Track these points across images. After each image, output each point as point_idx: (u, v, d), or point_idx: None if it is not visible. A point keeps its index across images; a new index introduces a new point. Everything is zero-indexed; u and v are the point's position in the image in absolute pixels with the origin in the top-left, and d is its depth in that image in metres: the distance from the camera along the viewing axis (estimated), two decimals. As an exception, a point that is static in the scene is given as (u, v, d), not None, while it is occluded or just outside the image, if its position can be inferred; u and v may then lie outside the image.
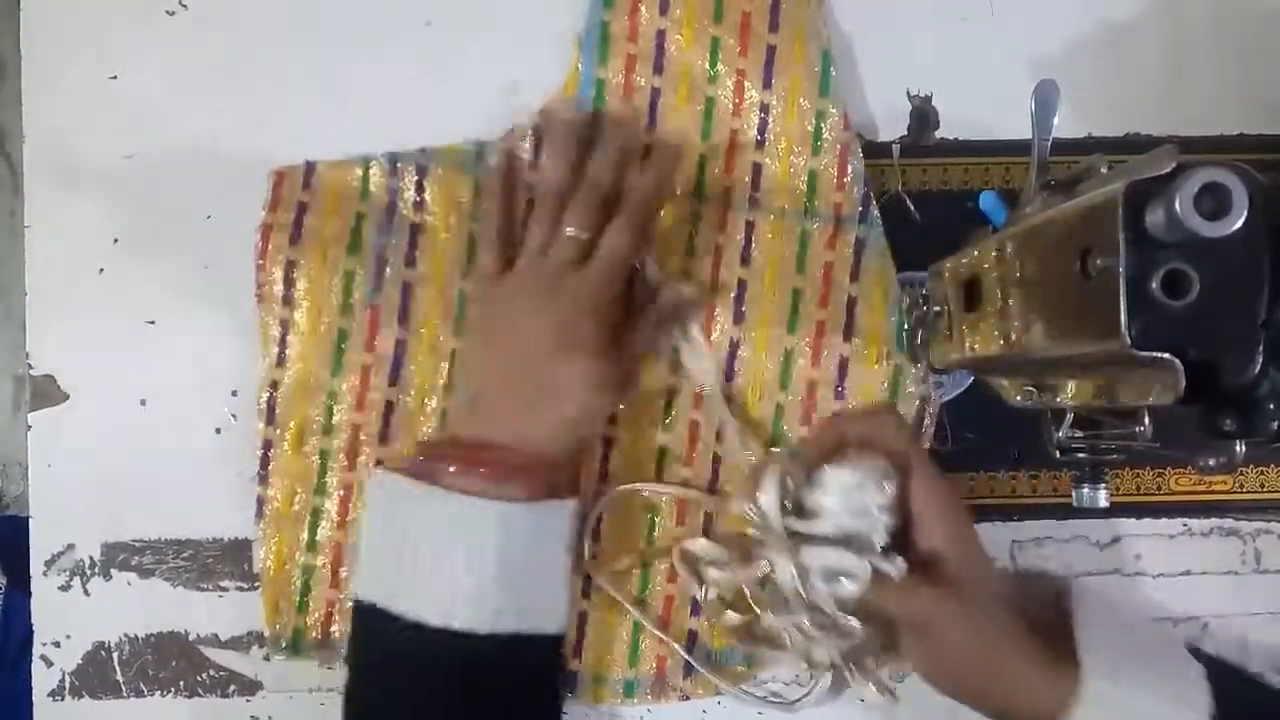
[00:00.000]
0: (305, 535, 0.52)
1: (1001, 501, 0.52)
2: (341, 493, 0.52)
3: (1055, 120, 0.40)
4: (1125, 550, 0.53)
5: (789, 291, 0.51)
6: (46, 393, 0.53)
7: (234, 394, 0.53)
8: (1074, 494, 0.43)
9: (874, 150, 0.53)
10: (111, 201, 0.53)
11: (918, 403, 0.51)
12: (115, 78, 0.53)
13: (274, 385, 0.52)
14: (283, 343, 0.52)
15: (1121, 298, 0.30)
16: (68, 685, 0.53)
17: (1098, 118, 0.53)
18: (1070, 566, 0.53)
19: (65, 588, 0.53)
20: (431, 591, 0.43)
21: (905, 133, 0.53)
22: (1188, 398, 0.29)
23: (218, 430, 0.53)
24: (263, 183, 0.52)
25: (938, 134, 0.53)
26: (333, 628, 0.52)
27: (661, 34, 0.52)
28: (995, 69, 0.53)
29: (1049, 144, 0.40)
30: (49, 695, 0.53)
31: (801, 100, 0.51)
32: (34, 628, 0.53)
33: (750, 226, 0.51)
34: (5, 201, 0.50)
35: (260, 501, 0.52)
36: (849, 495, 0.42)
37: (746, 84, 0.51)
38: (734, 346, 0.51)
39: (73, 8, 0.53)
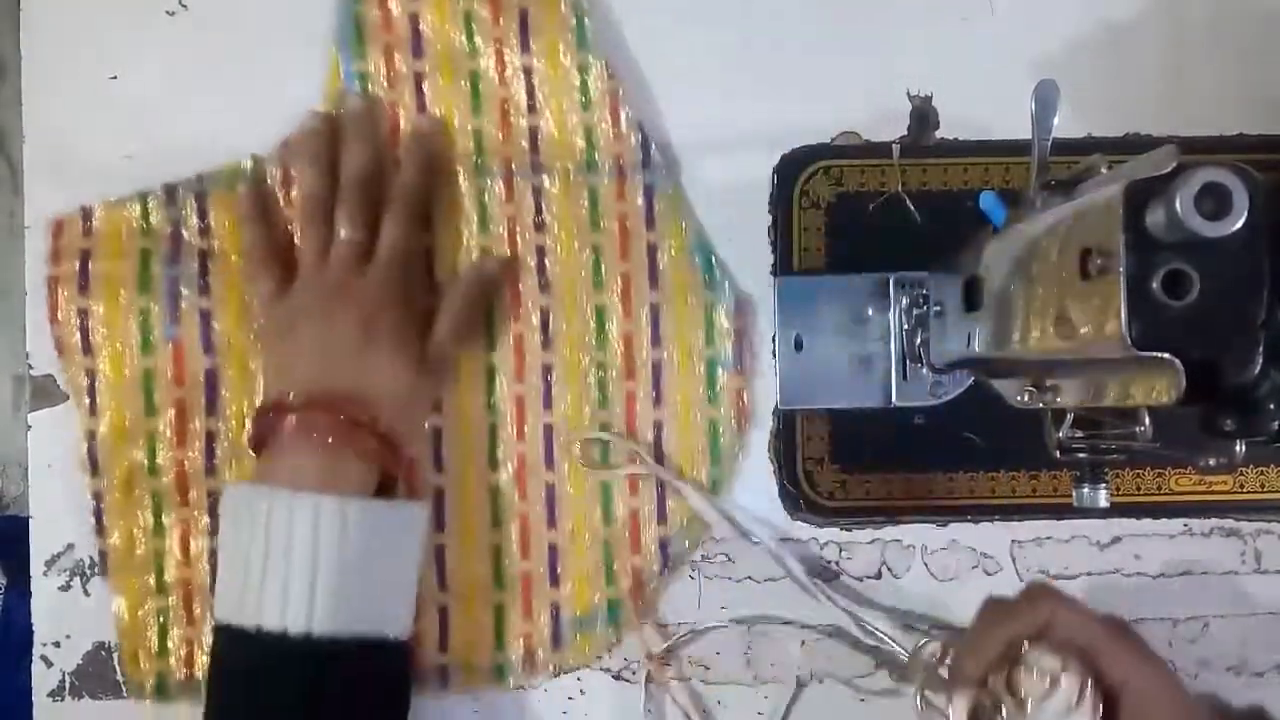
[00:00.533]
0: (153, 579, 0.52)
1: (1001, 501, 0.52)
2: (179, 530, 0.52)
3: (1055, 120, 0.40)
4: (1125, 550, 0.53)
5: (589, 248, 0.52)
6: (46, 393, 0.53)
7: (234, 394, 0.53)
8: (1074, 494, 0.43)
9: (874, 150, 0.53)
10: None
11: (734, 336, 0.52)
12: (115, 78, 0.53)
13: (91, 435, 0.52)
14: (92, 392, 0.52)
15: (1122, 298, 0.30)
16: (68, 685, 0.53)
17: (1098, 118, 0.53)
18: (1069, 567, 0.53)
19: (65, 588, 0.53)
20: (272, 595, 0.42)
21: (905, 133, 0.53)
22: (1188, 398, 0.29)
23: (218, 430, 0.53)
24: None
25: (938, 134, 0.53)
26: (195, 666, 0.52)
27: (414, 16, 0.52)
28: (995, 69, 0.53)
29: (1049, 144, 0.40)
30: (49, 695, 0.53)
31: (562, 57, 0.52)
32: (34, 628, 0.53)
33: (538, 192, 0.52)
34: (5, 201, 0.50)
35: (102, 554, 0.52)
36: None
37: (505, 51, 0.52)
38: (545, 314, 0.52)
39: (73, 8, 0.53)
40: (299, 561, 0.42)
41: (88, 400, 0.52)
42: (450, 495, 0.52)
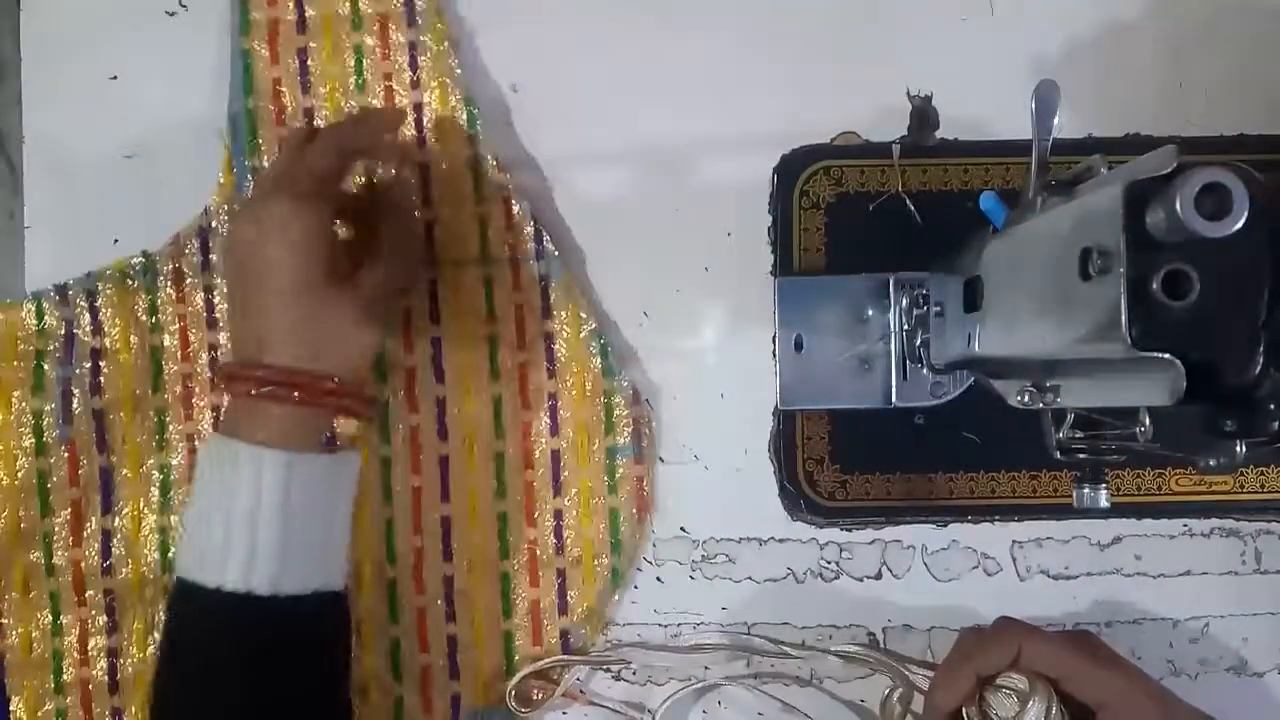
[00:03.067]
0: (51, 680, 0.52)
1: (1001, 501, 0.52)
2: (77, 630, 0.52)
3: (1055, 120, 0.40)
4: (1125, 550, 0.53)
5: (485, 339, 0.52)
6: (46, 393, 0.53)
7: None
8: (1074, 494, 0.43)
9: (874, 150, 0.53)
10: (111, 201, 0.53)
11: (632, 424, 0.52)
12: (115, 78, 0.53)
13: None
14: None
15: (1122, 298, 0.30)
16: (68, 685, 0.53)
17: (1098, 118, 0.53)
18: (1069, 567, 0.53)
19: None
20: (223, 554, 0.41)
21: (905, 133, 0.53)
22: (1188, 398, 0.29)
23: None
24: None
25: (938, 134, 0.53)
26: None
27: (309, 110, 0.52)
28: (995, 69, 0.53)
29: (1049, 144, 0.40)
30: (49, 695, 0.53)
31: (455, 150, 0.52)
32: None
33: (432, 283, 0.52)
34: (5, 201, 0.50)
35: (0, 656, 0.52)
36: None
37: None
38: (441, 405, 0.52)
39: (73, 8, 0.53)
40: (240, 519, 0.41)
41: None
42: (348, 589, 0.51)
